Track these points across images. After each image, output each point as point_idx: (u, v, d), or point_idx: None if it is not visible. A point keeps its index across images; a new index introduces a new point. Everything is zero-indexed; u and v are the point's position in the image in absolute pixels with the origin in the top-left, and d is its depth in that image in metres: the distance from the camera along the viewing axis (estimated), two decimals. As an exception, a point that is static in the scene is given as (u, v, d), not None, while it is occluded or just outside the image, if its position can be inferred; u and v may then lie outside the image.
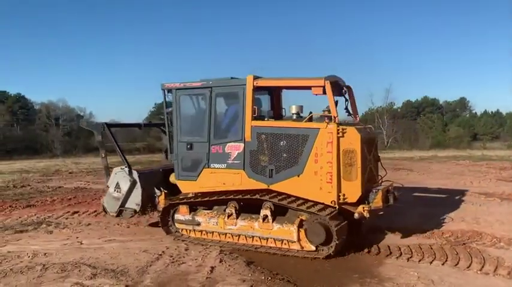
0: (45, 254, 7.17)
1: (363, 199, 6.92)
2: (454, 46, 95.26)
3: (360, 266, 6.55)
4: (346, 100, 7.94)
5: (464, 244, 7.56)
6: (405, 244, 7.56)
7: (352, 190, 6.81)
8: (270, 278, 5.96)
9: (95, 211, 10.53)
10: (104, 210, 8.93)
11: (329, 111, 7.07)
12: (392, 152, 34.71)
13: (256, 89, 7.51)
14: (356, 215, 6.79)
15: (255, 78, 7.42)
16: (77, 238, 8.27)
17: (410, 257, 6.86)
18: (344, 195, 6.81)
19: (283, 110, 8.88)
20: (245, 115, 7.41)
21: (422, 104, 70.75)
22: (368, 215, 6.79)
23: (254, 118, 7.38)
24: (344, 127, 6.80)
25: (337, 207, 6.84)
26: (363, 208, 6.77)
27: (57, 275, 6.12)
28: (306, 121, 7.27)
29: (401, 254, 7.04)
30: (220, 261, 6.60)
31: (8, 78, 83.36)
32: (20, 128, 49.90)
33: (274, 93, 8.85)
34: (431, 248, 7.27)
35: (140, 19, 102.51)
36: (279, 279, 5.98)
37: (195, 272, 6.20)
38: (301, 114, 7.66)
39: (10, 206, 11.47)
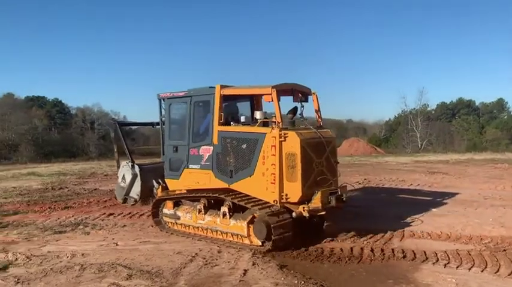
0: (83, 254, 7.37)
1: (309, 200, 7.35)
2: (490, 46, 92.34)
3: (395, 272, 6.42)
4: (302, 106, 8.21)
5: (504, 250, 7.29)
6: (442, 249, 7.36)
7: (294, 191, 7.26)
8: (303, 282, 5.91)
9: (130, 213, 10.73)
10: (115, 197, 10.43)
11: (293, 115, 7.89)
12: (426, 155, 33.90)
13: (225, 97, 8.16)
14: (294, 214, 7.28)
15: (222, 87, 8.09)
16: (113, 239, 8.46)
17: (448, 263, 6.68)
18: (287, 195, 7.31)
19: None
20: (214, 121, 8.11)
21: (457, 106, 68.88)
22: (307, 215, 7.27)
23: (221, 124, 8.03)
24: (286, 132, 7.30)
25: (279, 206, 7.30)
26: (303, 207, 7.27)
27: (94, 276, 6.28)
28: (257, 126, 7.79)
29: (438, 259, 6.86)
30: (253, 264, 6.61)
31: (46, 84, 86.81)
32: (57, 132, 51.60)
33: (255, 100, 9.35)
34: (470, 254, 7.05)
35: (176, 26, 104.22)
36: (312, 283, 5.92)
37: (228, 275, 6.23)
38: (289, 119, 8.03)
39: (49, 208, 11.86)
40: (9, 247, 7.94)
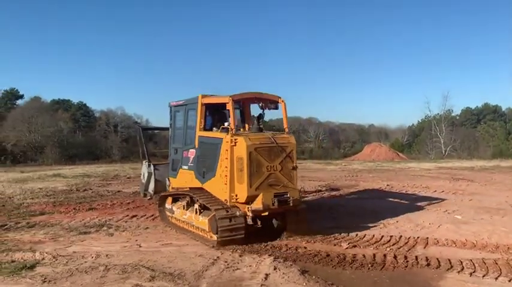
0: (107, 255, 7.48)
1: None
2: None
3: (418, 280, 6.33)
4: (263, 114, 8.80)
5: (533, 260, 7.09)
6: (467, 257, 7.22)
7: (242, 192, 7.93)
8: (325, 287, 5.88)
9: (152, 215, 10.86)
10: (139, 192, 12.14)
11: (258, 122, 8.59)
12: (450, 161, 33.29)
13: (208, 106, 8.96)
14: (237, 213, 7.95)
15: (203, 96, 8.89)
16: (136, 241, 8.57)
17: (474, 272, 6.53)
18: (236, 195, 7.98)
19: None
20: (196, 126, 8.91)
21: (482, 111, 67.48)
22: (251, 214, 7.91)
23: (201, 129, 8.86)
24: (236, 137, 7.96)
25: (229, 205, 8.01)
26: (247, 207, 7.90)
27: (118, 276, 6.37)
28: (219, 132, 8.45)
29: (463, 268, 6.72)
30: (275, 268, 6.58)
31: (71, 88, 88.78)
32: (81, 135, 52.47)
33: (243, 107, 10.03)
34: (496, 263, 6.90)
35: (199, 33, 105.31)
36: (335, 289, 5.88)
37: (249, 279, 6.24)
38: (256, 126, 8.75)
39: (74, 209, 12.10)
40: (36, 246, 8.13)
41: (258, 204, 7.85)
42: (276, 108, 8.82)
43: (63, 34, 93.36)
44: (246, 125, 9.49)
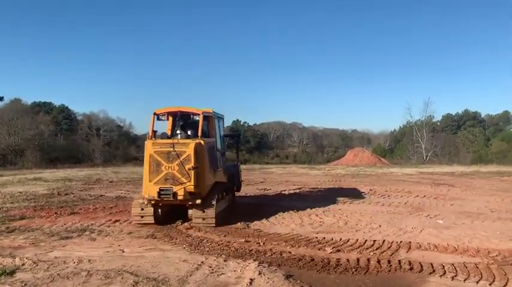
0: (89, 260, 7.34)
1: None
2: (497, 57, 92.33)
3: (402, 284, 6.38)
4: (180, 123, 10.60)
5: (512, 264, 7.23)
6: (449, 261, 7.31)
7: (145, 185, 9.78)
8: (310, 292, 5.88)
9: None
10: None
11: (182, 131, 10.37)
12: (431, 166, 33.79)
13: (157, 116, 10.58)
14: (140, 201, 10.07)
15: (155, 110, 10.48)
16: (119, 245, 8.44)
17: (455, 276, 6.61)
18: (147, 187, 9.71)
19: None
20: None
21: (462, 118, 68.78)
22: (146, 202, 9.85)
23: (150, 137, 10.16)
24: (147, 142, 9.81)
25: (143, 196, 9.86)
26: (144, 197, 9.87)
27: (101, 282, 6.26)
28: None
29: (445, 272, 6.80)
30: (259, 273, 6.56)
31: (53, 90, 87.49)
32: (63, 138, 51.74)
33: (208, 119, 11.19)
34: (477, 267, 7.00)
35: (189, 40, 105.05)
36: (319, 294, 5.89)
37: (234, 284, 6.20)
38: (183, 134, 10.38)
39: (55, 213, 11.88)
40: (16, 252, 7.95)
41: (146, 195, 9.70)
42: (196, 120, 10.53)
43: (45, 36, 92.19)
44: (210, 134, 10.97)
